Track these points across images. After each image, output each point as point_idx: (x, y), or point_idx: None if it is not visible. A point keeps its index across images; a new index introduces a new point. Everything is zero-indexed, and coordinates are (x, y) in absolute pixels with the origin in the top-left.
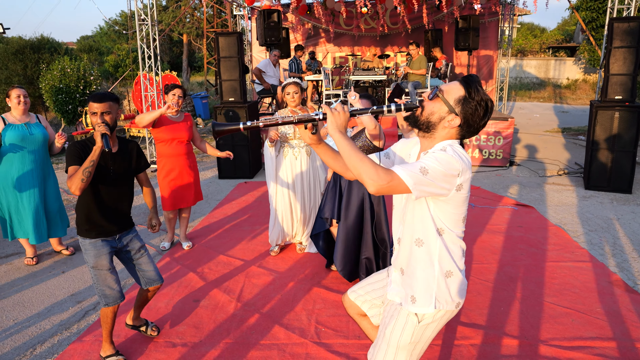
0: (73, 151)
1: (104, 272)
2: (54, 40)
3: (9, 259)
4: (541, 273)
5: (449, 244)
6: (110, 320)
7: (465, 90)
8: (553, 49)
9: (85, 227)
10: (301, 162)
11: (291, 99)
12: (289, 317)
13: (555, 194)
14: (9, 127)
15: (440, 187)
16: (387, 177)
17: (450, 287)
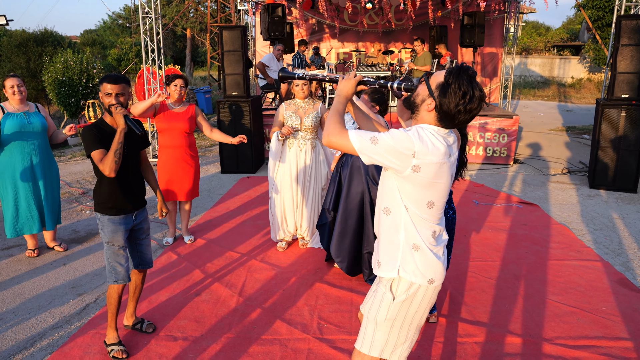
0: (91, 135)
1: (117, 248)
2: (57, 33)
3: (10, 250)
4: (546, 271)
5: (415, 222)
6: (115, 302)
7: (445, 76)
8: (558, 48)
9: (108, 204)
10: (305, 155)
11: (300, 90)
12: (291, 312)
13: (560, 193)
14: (8, 116)
15: (389, 161)
16: (339, 134)
17: (417, 260)
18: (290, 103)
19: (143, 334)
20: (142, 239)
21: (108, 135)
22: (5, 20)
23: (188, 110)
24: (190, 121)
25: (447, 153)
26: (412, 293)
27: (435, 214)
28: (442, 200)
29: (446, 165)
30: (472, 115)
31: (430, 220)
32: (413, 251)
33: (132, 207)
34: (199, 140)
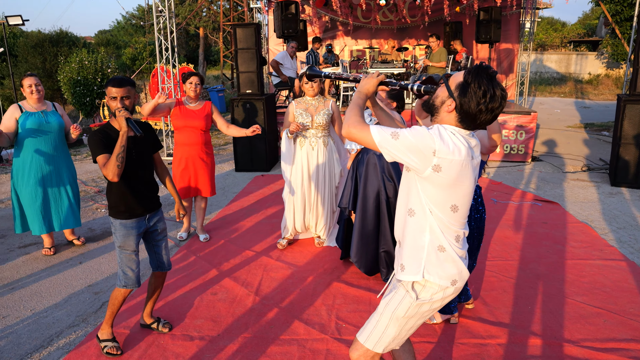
0: (96, 140)
1: (129, 253)
2: (72, 34)
3: (27, 249)
4: (569, 271)
5: (441, 226)
6: (118, 303)
7: (464, 76)
8: (574, 44)
9: (120, 208)
10: (317, 153)
11: (310, 88)
12: (309, 312)
13: (580, 190)
14: (26, 115)
15: (410, 158)
16: (360, 126)
17: (442, 262)
18: (301, 101)
19: (160, 334)
20: (158, 240)
21: (113, 140)
22: (21, 20)
23: (204, 108)
24: (206, 119)
25: (469, 154)
26: (434, 293)
27: (460, 219)
28: (467, 204)
29: (469, 167)
30: (495, 115)
31: (454, 225)
32: (438, 252)
33: (145, 210)
34: (213, 139)
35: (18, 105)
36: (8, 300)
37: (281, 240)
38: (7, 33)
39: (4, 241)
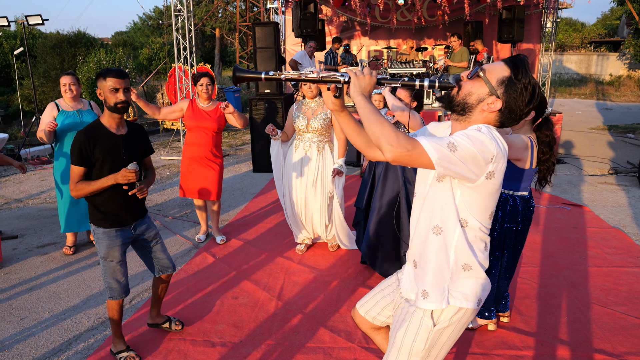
0: (74, 145)
1: (114, 264)
2: (89, 35)
3: (45, 248)
4: (605, 279)
5: (471, 237)
6: (116, 313)
7: (511, 70)
8: (595, 44)
9: (99, 215)
10: (310, 158)
11: (308, 89)
12: (334, 318)
13: (609, 194)
14: (62, 114)
15: (468, 170)
16: (408, 145)
17: (468, 282)
18: (301, 103)
19: (178, 340)
20: (153, 245)
21: (97, 138)
22: (40, 20)
23: (217, 109)
24: (219, 120)
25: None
26: (458, 318)
27: (490, 224)
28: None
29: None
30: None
31: (486, 232)
32: (463, 272)
33: (131, 218)
34: (230, 139)
35: (55, 103)
36: (26, 302)
37: (299, 246)
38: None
39: (22, 241)
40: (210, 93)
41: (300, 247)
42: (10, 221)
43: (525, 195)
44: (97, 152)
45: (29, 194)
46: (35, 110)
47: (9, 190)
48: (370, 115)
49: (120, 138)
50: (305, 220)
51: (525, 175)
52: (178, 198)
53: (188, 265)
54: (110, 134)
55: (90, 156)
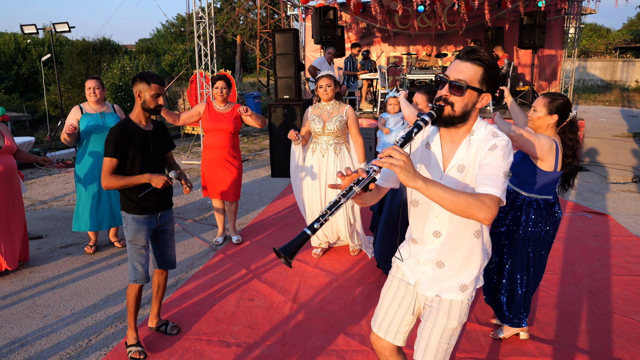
0: (110, 139)
1: (139, 248)
2: (114, 42)
3: (68, 249)
4: (627, 288)
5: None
6: (133, 301)
7: (482, 67)
8: (620, 50)
9: (131, 204)
10: (327, 160)
11: (323, 92)
12: (348, 322)
13: (632, 202)
14: (85, 116)
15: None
16: (494, 204)
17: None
18: (316, 106)
19: (193, 340)
20: (166, 239)
21: (130, 134)
22: (67, 27)
23: (233, 111)
24: (235, 121)
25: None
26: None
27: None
28: None
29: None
30: None
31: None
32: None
33: (157, 207)
34: (249, 144)
35: (79, 106)
36: (49, 300)
37: (315, 250)
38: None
39: (46, 241)
40: (225, 96)
41: (317, 251)
42: (35, 222)
43: (549, 199)
44: (130, 146)
45: (54, 196)
46: (60, 115)
47: (35, 193)
48: (444, 194)
49: (149, 133)
50: (327, 224)
51: (550, 178)
52: (197, 201)
53: (206, 267)
54: (141, 130)
55: (124, 149)
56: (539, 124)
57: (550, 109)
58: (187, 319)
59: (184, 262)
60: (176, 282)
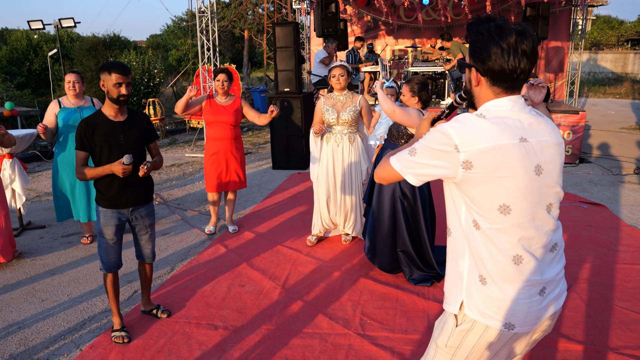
0: (77, 132)
1: (106, 240)
2: (124, 38)
3: (69, 238)
4: (612, 275)
5: (486, 244)
6: (109, 287)
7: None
8: (632, 42)
9: (100, 195)
10: (342, 149)
11: (336, 82)
12: (334, 306)
13: (631, 194)
14: (63, 110)
15: (434, 167)
16: (381, 167)
17: (482, 297)
18: (329, 96)
19: (183, 323)
20: (141, 234)
21: (96, 125)
22: (73, 23)
23: (234, 103)
24: (236, 114)
25: (515, 135)
26: (482, 330)
27: (516, 227)
28: (524, 204)
29: (516, 152)
30: (524, 53)
31: (508, 235)
32: (479, 284)
33: (127, 202)
34: (254, 138)
35: (58, 100)
36: (48, 285)
37: (310, 237)
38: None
39: (49, 230)
40: (226, 89)
41: (311, 239)
42: (39, 213)
43: None
44: (96, 138)
45: None
46: None
47: (41, 184)
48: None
49: (118, 124)
50: (339, 211)
51: None
52: (198, 193)
53: (201, 255)
54: (109, 121)
55: (90, 141)
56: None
57: None
58: (178, 303)
59: (180, 250)
60: (171, 269)
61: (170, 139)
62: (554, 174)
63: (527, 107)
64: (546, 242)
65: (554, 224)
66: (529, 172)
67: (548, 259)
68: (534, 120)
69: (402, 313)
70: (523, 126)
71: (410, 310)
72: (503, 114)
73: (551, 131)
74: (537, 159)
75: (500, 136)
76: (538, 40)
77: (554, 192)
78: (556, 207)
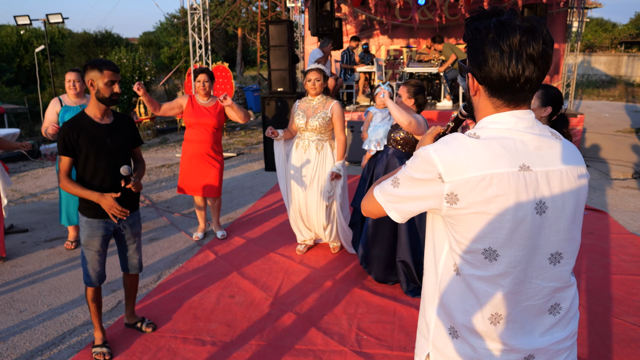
0: (60, 136)
1: (93, 252)
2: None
3: (52, 243)
4: (618, 288)
5: (462, 291)
6: (91, 301)
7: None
8: (625, 45)
9: (85, 205)
10: (308, 157)
11: (312, 87)
12: (328, 320)
13: (631, 199)
14: (65, 109)
15: (418, 199)
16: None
17: (450, 353)
18: (304, 100)
19: (169, 338)
20: (130, 243)
21: (81, 129)
22: (61, 19)
23: (217, 105)
24: (219, 116)
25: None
26: None
27: (502, 277)
28: (515, 250)
29: (509, 183)
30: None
31: (492, 287)
32: (448, 338)
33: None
34: (246, 138)
35: (58, 99)
36: (27, 294)
37: (299, 247)
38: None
39: (31, 234)
40: (207, 89)
41: (300, 248)
42: (23, 215)
43: None
44: (81, 142)
45: (45, 189)
46: None
47: (26, 185)
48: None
49: (105, 127)
50: (306, 221)
51: None
52: (188, 195)
53: (189, 262)
54: (94, 124)
55: (74, 146)
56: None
57: (543, 100)
58: (164, 315)
59: (168, 257)
60: (158, 277)
61: (161, 138)
62: (565, 215)
63: (538, 125)
64: (542, 302)
65: (559, 279)
66: (527, 209)
67: (543, 323)
68: (544, 142)
69: (401, 328)
70: (527, 150)
71: (409, 325)
72: (502, 133)
73: (568, 158)
74: (541, 193)
75: (494, 162)
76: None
77: (562, 238)
78: (568, 258)
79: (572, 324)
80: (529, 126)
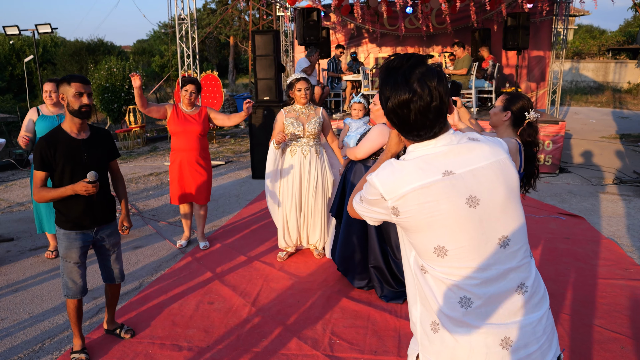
0: (36, 152)
1: (72, 265)
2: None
3: (37, 251)
4: (588, 291)
5: (432, 287)
6: (73, 312)
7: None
8: (613, 52)
9: (61, 217)
10: (310, 162)
11: (302, 96)
12: (304, 325)
13: (610, 204)
14: (42, 118)
15: (377, 213)
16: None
17: (435, 348)
18: (290, 109)
19: (146, 344)
20: (108, 255)
21: (57, 144)
22: (50, 29)
23: (201, 112)
24: (204, 123)
25: (433, 173)
26: None
27: (457, 268)
28: (461, 242)
29: (436, 188)
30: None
31: (452, 277)
32: (431, 333)
33: (92, 222)
34: (235, 146)
35: (37, 108)
36: (9, 303)
37: (280, 254)
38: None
39: (17, 243)
40: (193, 100)
41: (282, 255)
42: (9, 224)
43: None
44: (58, 157)
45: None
46: None
47: (14, 194)
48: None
49: (81, 142)
50: (300, 227)
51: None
52: (167, 206)
53: (171, 270)
54: (71, 139)
55: (51, 161)
56: (495, 120)
57: (505, 105)
58: (144, 322)
59: (150, 264)
60: (139, 284)
61: (151, 146)
62: (499, 202)
63: (457, 136)
64: (506, 282)
65: (513, 260)
66: (459, 206)
67: (512, 303)
68: (463, 148)
69: (373, 332)
70: (448, 158)
71: (381, 329)
72: (426, 152)
73: (487, 153)
74: (469, 190)
75: (421, 176)
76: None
77: (503, 222)
78: (516, 240)
79: (543, 305)
80: (446, 142)
